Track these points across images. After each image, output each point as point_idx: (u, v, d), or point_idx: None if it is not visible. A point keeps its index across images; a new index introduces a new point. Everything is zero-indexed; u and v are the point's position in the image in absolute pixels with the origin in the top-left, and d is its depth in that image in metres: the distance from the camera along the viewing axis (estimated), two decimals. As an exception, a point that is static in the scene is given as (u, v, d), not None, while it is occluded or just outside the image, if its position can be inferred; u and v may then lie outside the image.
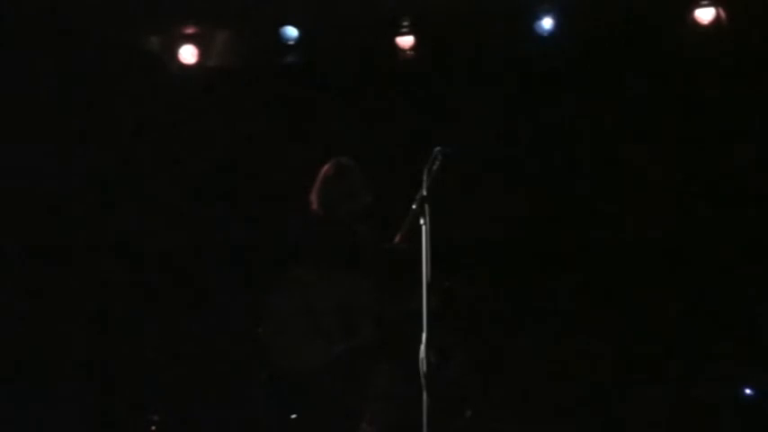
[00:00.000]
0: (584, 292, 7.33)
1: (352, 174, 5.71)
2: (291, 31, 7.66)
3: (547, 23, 7.45)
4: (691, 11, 7.30)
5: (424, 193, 4.84)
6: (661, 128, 7.48)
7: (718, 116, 7.34)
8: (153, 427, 7.02)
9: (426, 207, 4.80)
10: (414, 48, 7.65)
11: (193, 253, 7.67)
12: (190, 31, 7.77)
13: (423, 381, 4.64)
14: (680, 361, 7.05)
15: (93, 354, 7.31)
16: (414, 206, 4.92)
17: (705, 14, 7.27)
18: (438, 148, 4.88)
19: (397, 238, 5.52)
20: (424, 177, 4.86)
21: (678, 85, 7.43)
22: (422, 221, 4.81)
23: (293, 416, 5.40)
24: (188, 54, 7.81)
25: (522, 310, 7.30)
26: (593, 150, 7.57)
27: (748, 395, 6.86)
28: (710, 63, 7.36)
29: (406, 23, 7.59)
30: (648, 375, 7.06)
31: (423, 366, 4.64)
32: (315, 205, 5.67)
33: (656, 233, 7.39)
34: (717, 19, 7.26)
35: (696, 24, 7.30)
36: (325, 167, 5.75)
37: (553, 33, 7.44)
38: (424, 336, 4.65)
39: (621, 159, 7.54)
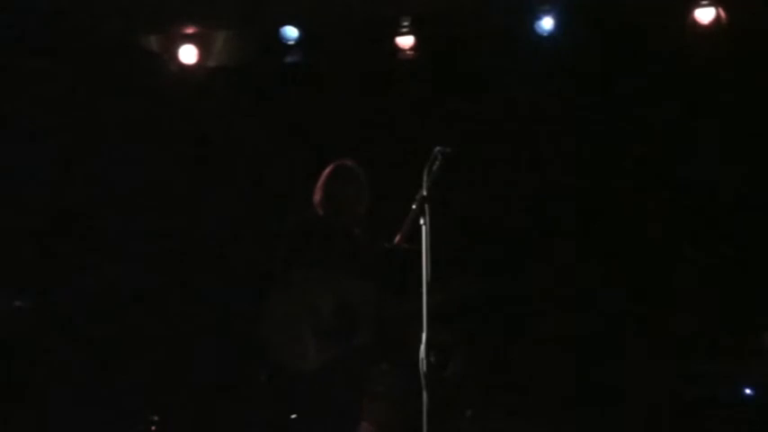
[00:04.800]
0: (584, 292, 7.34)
1: (355, 176, 5.70)
2: (291, 31, 7.67)
3: (547, 23, 7.45)
4: (691, 11, 7.30)
5: (424, 193, 4.84)
6: (660, 128, 7.48)
7: (717, 116, 7.34)
8: (153, 427, 7.01)
9: (426, 207, 4.80)
10: (414, 48, 7.66)
11: (193, 252, 7.67)
12: (190, 31, 7.78)
13: (423, 381, 4.64)
14: (680, 361, 7.05)
15: (94, 353, 7.31)
16: (414, 206, 4.92)
17: (705, 14, 7.27)
18: (438, 148, 4.88)
19: (397, 239, 5.52)
20: (424, 177, 4.86)
21: (678, 85, 7.42)
22: (422, 221, 4.81)
23: (293, 416, 5.39)
24: (188, 54, 7.82)
25: (522, 310, 7.31)
26: (593, 150, 7.57)
27: (748, 395, 6.85)
28: (710, 63, 7.36)
29: (406, 23, 7.59)
30: (649, 375, 7.05)
31: (423, 366, 4.64)
32: (317, 206, 5.67)
33: (657, 232, 7.39)
34: (717, 19, 7.26)
35: (696, 24, 7.31)
36: (329, 169, 5.72)
37: (553, 33, 7.44)
38: (424, 336, 4.65)
39: (621, 158, 7.54)
